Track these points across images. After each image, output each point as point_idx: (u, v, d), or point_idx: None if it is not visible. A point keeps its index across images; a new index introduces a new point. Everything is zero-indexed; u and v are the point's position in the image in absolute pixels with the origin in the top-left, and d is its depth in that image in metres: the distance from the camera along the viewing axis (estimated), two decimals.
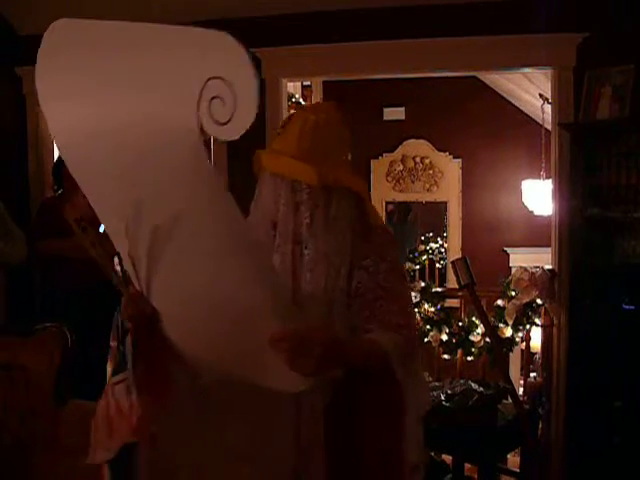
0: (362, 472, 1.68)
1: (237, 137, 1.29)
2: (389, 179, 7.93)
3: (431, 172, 7.88)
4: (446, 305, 4.59)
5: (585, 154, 3.81)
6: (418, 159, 7.88)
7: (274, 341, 1.43)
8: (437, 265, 8.14)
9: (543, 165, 5.91)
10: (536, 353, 4.67)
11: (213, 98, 1.27)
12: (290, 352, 1.42)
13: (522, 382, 4.82)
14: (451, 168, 7.82)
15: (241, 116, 1.26)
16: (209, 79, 1.27)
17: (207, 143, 1.46)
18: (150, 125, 1.38)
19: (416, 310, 4.37)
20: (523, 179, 6.75)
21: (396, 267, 1.77)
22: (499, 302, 4.34)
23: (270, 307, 1.47)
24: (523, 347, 4.72)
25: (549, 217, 4.49)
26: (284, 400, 1.66)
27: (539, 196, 6.30)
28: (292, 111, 5.41)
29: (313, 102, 6.00)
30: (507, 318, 4.25)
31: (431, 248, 8.18)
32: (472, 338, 4.34)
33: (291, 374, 1.46)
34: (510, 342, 4.32)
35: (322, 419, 1.68)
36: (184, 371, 1.70)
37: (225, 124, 1.28)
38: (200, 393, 1.70)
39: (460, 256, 4.25)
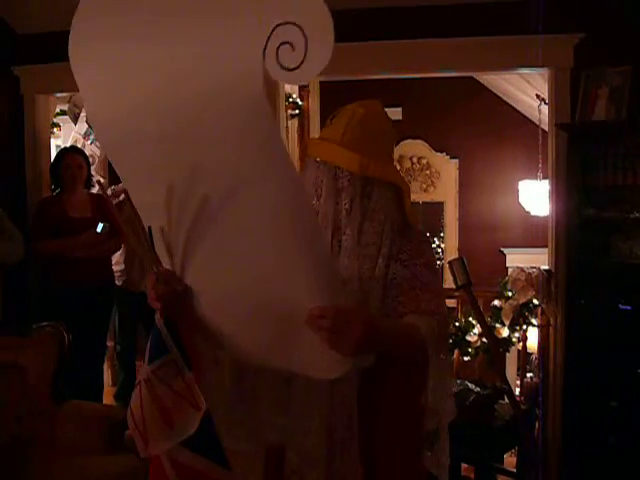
0: (387, 454, 1.70)
1: (306, 82, 1.24)
2: None
3: (428, 172, 7.89)
4: None
5: (582, 155, 3.82)
6: (415, 159, 7.89)
7: (313, 317, 1.40)
8: None
9: (540, 166, 5.91)
10: (533, 353, 4.68)
11: (282, 44, 1.21)
12: (330, 330, 1.39)
13: (519, 382, 4.83)
14: (448, 168, 7.83)
15: (312, 60, 1.21)
16: (278, 25, 1.21)
17: None
18: (204, 78, 1.27)
19: None
20: (520, 179, 6.75)
21: (432, 264, 1.80)
22: (496, 302, 4.35)
23: (314, 287, 1.41)
24: (520, 347, 4.73)
25: (546, 217, 4.50)
26: (316, 390, 1.67)
27: (536, 196, 6.31)
28: (289, 111, 5.43)
29: (310, 102, 6.00)
30: (504, 318, 4.25)
31: None
32: (469, 338, 4.34)
33: (328, 359, 1.42)
34: (507, 342, 4.32)
35: (355, 408, 1.68)
36: (211, 353, 1.70)
37: (294, 69, 1.22)
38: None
39: (457, 256, 4.26)
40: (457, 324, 4.43)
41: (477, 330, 4.30)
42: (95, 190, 4.82)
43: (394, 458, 1.72)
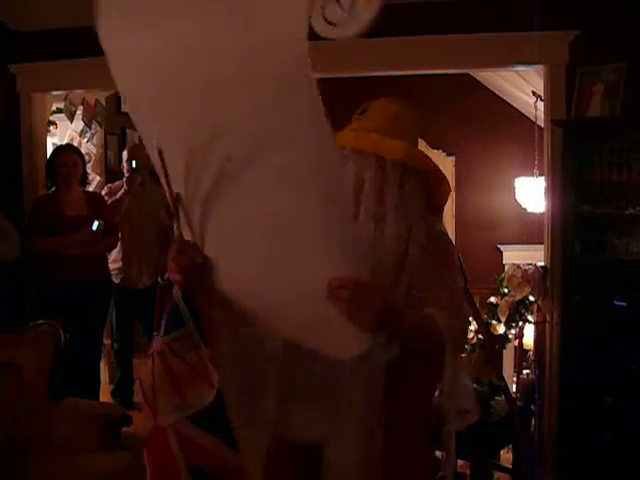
0: (399, 444, 1.72)
1: (352, 35, 1.24)
2: None
3: None
4: None
5: (577, 151, 3.83)
6: None
7: (333, 287, 1.37)
8: None
9: (536, 162, 5.92)
10: (529, 350, 4.69)
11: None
12: (348, 301, 1.36)
13: (515, 379, 4.83)
14: (444, 165, 7.81)
15: (359, 14, 1.21)
16: None
17: None
18: (243, 43, 1.22)
19: None
20: (516, 176, 6.76)
21: (456, 265, 1.82)
22: (492, 299, 4.35)
23: (338, 258, 1.38)
24: (516, 344, 4.73)
25: (542, 214, 4.51)
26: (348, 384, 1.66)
27: (532, 193, 6.31)
28: None
29: None
30: (500, 315, 4.26)
31: None
32: None
33: (346, 335, 1.40)
34: (503, 339, 4.33)
35: (383, 397, 1.68)
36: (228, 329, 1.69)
37: (340, 24, 1.22)
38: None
39: None
40: None
41: (473, 327, 4.30)
42: (91, 188, 4.82)
43: (405, 447, 1.74)
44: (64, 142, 5.55)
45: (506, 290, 4.28)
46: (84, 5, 1.51)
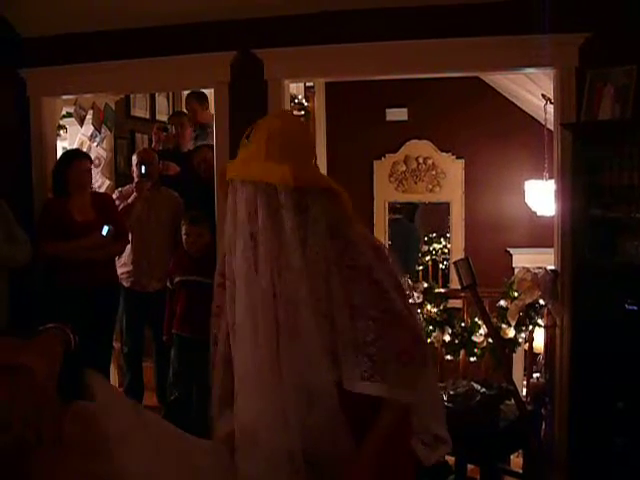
0: None
1: None
2: (392, 180, 7.92)
3: (434, 173, 7.87)
4: (449, 306, 4.59)
5: (587, 154, 3.81)
6: (421, 160, 7.88)
7: None
8: (440, 266, 8.13)
9: (546, 165, 5.90)
10: (539, 354, 4.67)
11: None
12: None
13: (525, 383, 4.82)
14: (454, 169, 7.81)
15: None
16: None
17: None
18: None
19: (418, 311, 4.37)
20: (526, 179, 6.74)
21: (379, 258, 1.76)
22: (502, 303, 4.34)
23: None
24: (526, 348, 4.72)
25: (552, 217, 4.49)
26: None
27: (542, 196, 6.29)
28: (295, 112, 5.43)
29: (315, 103, 6.01)
30: (510, 319, 4.24)
31: (434, 249, 8.18)
32: (475, 339, 4.34)
33: None
34: (513, 343, 4.31)
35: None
36: None
37: None
38: None
39: (462, 257, 4.26)
40: (463, 324, 4.43)
41: (483, 330, 4.29)
42: (103, 189, 4.82)
43: None
44: (74, 146, 5.57)
45: (516, 294, 4.27)
46: (93, 11, 1.52)
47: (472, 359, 4.41)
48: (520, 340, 4.35)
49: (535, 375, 4.60)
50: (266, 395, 1.69)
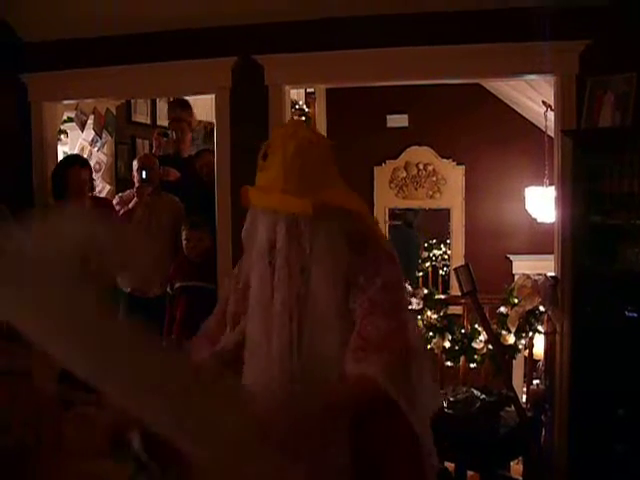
0: None
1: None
2: (392, 186, 7.93)
3: (434, 179, 7.88)
4: (449, 312, 4.59)
5: (587, 161, 3.82)
6: (421, 166, 7.89)
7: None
8: (440, 272, 8.14)
9: (546, 172, 5.91)
10: (539, 360, 4.67)
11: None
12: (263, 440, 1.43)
13: (525, 389, 4.81)
14: (454, 175, 7.83)
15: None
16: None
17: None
18: None
19: (419, 317, 4.37)
20: (526, 186, 6.75)
21: (390, 283, 1.75)
22: (502, 309, 4.34)
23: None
24: (526, 354, 4.71)
25: (552, 224, 4.49)
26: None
27: (542, 203, 6.30)
28: (295, 118, 5.43)
29: (316, 109, 6.02)
30: (510, 325, 4.24)
31: (434, 255, 8.19)
32: (475, 345, 4.33)
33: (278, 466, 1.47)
34: (513, 349, 4.31)
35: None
36: None
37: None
38: None
39: (463, 263, 4.26)
40: (463, 331, 4.43)
41: (483, 337, 4.29)
42: (104, 194, 4.81)
43: None
44: (75, 151, 5.58)
45: (516, 300, 4.27)
46: (94, 16, 1.53)
47: (472, 365, 4.41)
48: (520, 347, 4.34)
49: (535, 382, 4.60)
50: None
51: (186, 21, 4.32)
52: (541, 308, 4.20)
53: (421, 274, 8.15)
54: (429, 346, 4.35)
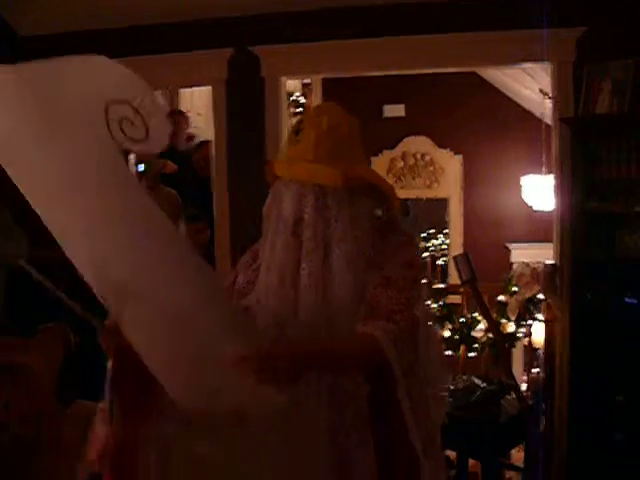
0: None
1: (160, 149, 1.41)
2: (390, 176, 7.91)
3: (432, 169, 7.88)
4: (448, 301, 4.60)
5: (585, 148, 3.81)
6: (419, 156, 7.88)
7: (237, 364, 1.42)
8: (439, 262, 8.13)
9: (544, 160, 5.90)
10: (538, 348, 4.67)
11: (121, 120, 1.34)
12: (258, 371, 1.42)
13: (525, 377, 4.82)
14: (452, 164, 7.82)
15: (156, 130, 1.34)
16: (109, 104, 1.34)
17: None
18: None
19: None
20: (524, 174, 6.74)
21: (406, 263, 1.74)
22: (501, 298, 4.34)
23: (229, 330, 1.48)
24: (526, 342, 4.72)
25: (550, 212, 4.49)
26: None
27: (540, 191, 6.29)
28: (292, 110, 5.43)
29: (313, 100, 6.00)
30: (509, 314, 4.25)
31: (433, 245, 8.18)
32: (474, 334, 4.34)
33: (262, 394, 1.46)
34: (512, 338, 4.32)
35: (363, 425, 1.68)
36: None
37: (144, 140, 1.36)
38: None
39: (462, 252, 4.26)
40: (462, 320, 4.43)
41: (483, 326, 4.30)
42: None
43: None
44: None
45: (515, 288, 4.27)
46: (90, 9, 1.53)
47: (472, 354, 4.42)
48: (520, 335, 4.35)
49: (535, 370, 4.61)
50: None
51: (181, 13, 4.30)
52: (540, 296, 4.21)
53: None
54: None
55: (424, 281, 1.91)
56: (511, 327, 4.27)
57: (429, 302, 4.43)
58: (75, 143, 1.38)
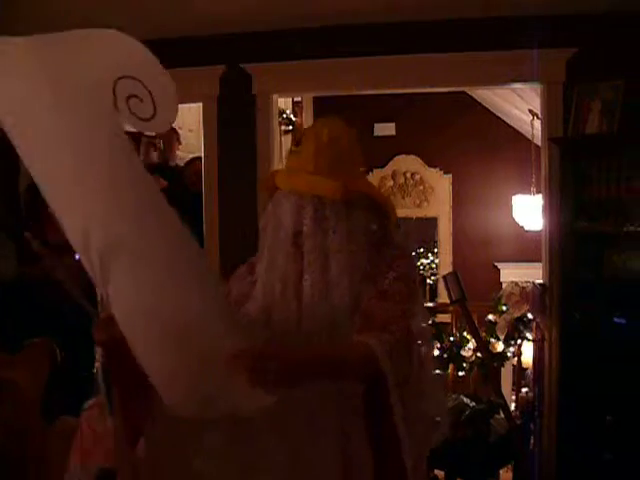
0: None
1: (164, 130, 1.40)
2: None
3: (421, 188, 7.89)
4: (437, 320, 4.59)
5: (575, 168, 3.83)
6: (408, 175, 7.89)
7: (228, 362, 1.40)
8: (428, 281, 8.13)
9: (533, 180, 5.93)
10: (527, 368, 4.67)
11: (130, 97, 1.30)
12: (247, 370, 1.40)
13: (514, 397, 4.81)
14: (441, 184, 7.83)
15: (164, 110, 1.31)
16: (118, 79, 1.30)
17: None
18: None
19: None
20: (513, 194, 6.77)
21: (402, 277, 1.74)
22: (490, 317, 4.34)
23: (222, 326, 1.46)
24: (515, 362, 4.72)
25: (539, 232, 4.51)
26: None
27: (529, 211, 6.32)
28: (283, 127, 5.44)
29: (303, 118, 6.02)
30: (498, 333, 4.24)
31: (422, 264, 8.18)
32: (463, 353, 4.33)
33: (250, 395, 1.44)
34: (502, 357, 4.31)
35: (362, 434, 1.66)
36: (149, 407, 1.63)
37: (150, 119, 1.32)
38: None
39: (451, 271, 4.26)
40: (452, 339, 4.42)
41: (472, 345, 4.29)
42: None
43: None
44: None
45: (504, 308, 4.27)
46: (78, 8, 1.52)
47: (461, 373, 4.41)
48: (509, 354, 4.34)
49: (524, 389, 4.60)
50: None
51: (173, 30, 4.31)
52: (529, 315, 4.21)
53: None
54: None
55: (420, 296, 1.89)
56: (500, 346, 4.26)
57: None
58: (88, 114, 1.35)
